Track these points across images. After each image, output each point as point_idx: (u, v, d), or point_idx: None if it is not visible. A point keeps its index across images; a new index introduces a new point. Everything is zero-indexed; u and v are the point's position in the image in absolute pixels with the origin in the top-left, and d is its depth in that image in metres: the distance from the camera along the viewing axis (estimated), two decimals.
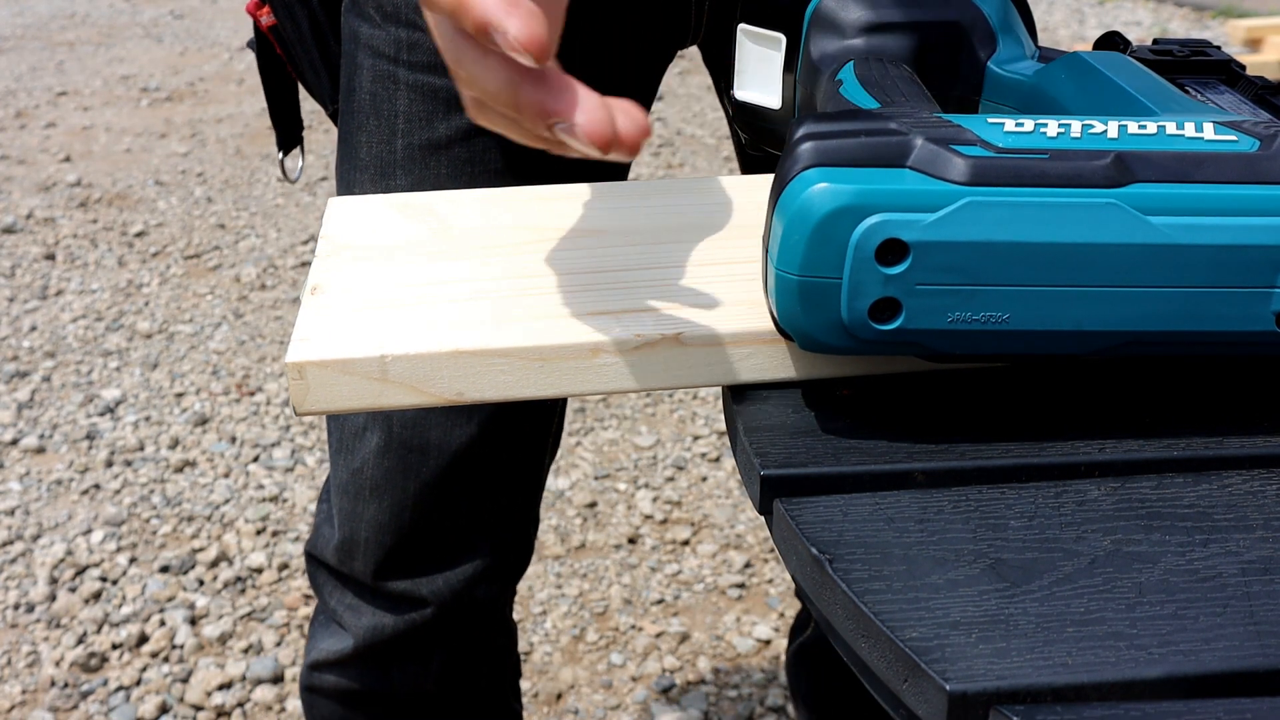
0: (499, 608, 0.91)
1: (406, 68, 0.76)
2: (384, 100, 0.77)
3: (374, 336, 0.46)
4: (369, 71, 0.78)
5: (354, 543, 0.84)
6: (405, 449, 0.80)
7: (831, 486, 0.41)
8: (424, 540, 0.84)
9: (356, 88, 0.79)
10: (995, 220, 0.39)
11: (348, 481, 0.83)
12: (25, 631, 1.61)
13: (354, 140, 0.79)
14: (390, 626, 0.86)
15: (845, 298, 0.40)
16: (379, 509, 0.82)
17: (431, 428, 0.80)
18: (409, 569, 0.84)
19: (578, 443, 2.02)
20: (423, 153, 0.77)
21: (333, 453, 0.84)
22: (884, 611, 0.35)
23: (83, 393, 2.17)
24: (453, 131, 0.76)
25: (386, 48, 0.77)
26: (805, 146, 0.40)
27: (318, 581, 0.89)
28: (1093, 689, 0.33)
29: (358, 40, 0.79)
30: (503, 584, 0.89)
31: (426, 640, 0.87)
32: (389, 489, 0.81)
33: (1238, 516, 0.39)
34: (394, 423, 0.80)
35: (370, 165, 0.79)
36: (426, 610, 0.85)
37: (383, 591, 0.85)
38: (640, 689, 1.53)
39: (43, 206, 2.99)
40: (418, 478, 0.81)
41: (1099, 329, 0.40)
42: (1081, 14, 4.65)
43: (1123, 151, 0.39)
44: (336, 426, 0.83)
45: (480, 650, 0.92)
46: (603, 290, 0.49)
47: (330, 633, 0.89)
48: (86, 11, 4.91)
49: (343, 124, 0.81)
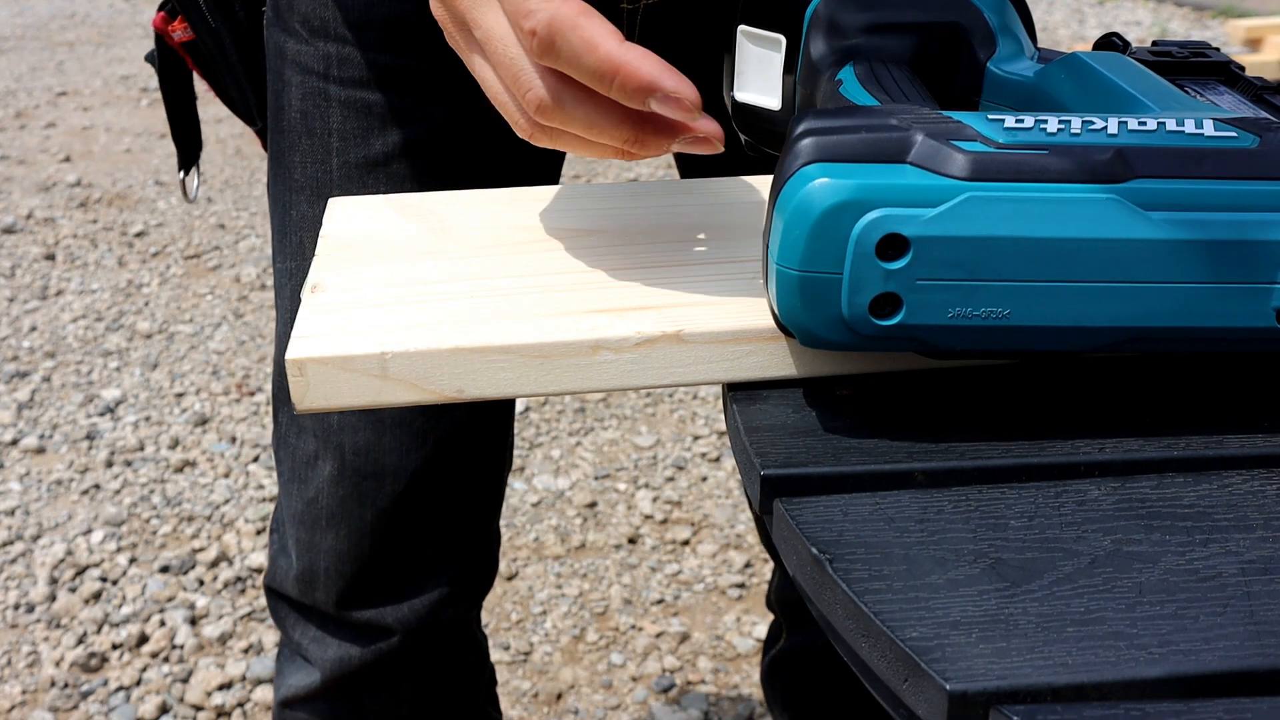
0: (465, 627, 0.89)
1: (337, 84, 0.74)
2: (316, 118, 0.75)
3: (374, 333, 0.46)
4: (298, 89, 0.75)
5: (314, 573, 0.82)
6: (359, 476, 0.78)
7: (832, 486, 0.41)
8: (386, 567, 0.82)
9: (285, 106, 0.76)
10: (996, 215, 0.39)
11: (303, 512, 0.81)
12: (25, 631, 1.61)
13: (286, 160, 0.77)
14: (357, 657, 0.84)
15: (846, 293, 0.40)
16: (337, 538, 0.80)
17: (386, 452, 0.78)
18: (372, 598, 0.82)
19: (578, 443, 2.02)
20: (360, 171, 0.75)
21: (284, 482, 0.82)
22: (884, 611, 0.35)
23: (83, 393, 2.17)
24: (389, 147, 0.74)
25: (315, 64, 0.74)
26: (806, 142, 0.40)
27: (279, 615, 0.87)
28: (1093, 689, 0.32)
29: (283, 56, 0.76)
30: (468, 604, 0.87)
31: (395, 668, 0.85)
32: (345, 517, 0.79)
33: (1238, 516, 0.39)
34: (346, 450, 0.78)
35: (306, 186, 0.76)
36: (393, 639, 0.83)
37: (347, 622, 0.83)
38: (640, 689, 1.53)
39: (43, 206, 2.99)
40: (374, 505, 0.79)
41: (1099, 325, 0.40)
42: (1081, 14, 4.65)
43: (1123, 147, 0.39)
44: (287, 455, 0.81)
45: (451, 671, 0.90)
46: (603, 288, 0.49)
47: (296, 667, 0.87)
48: (86, 11, 4.91)
49: (273, 143, 0.79)
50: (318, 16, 0.73)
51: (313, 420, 0.78)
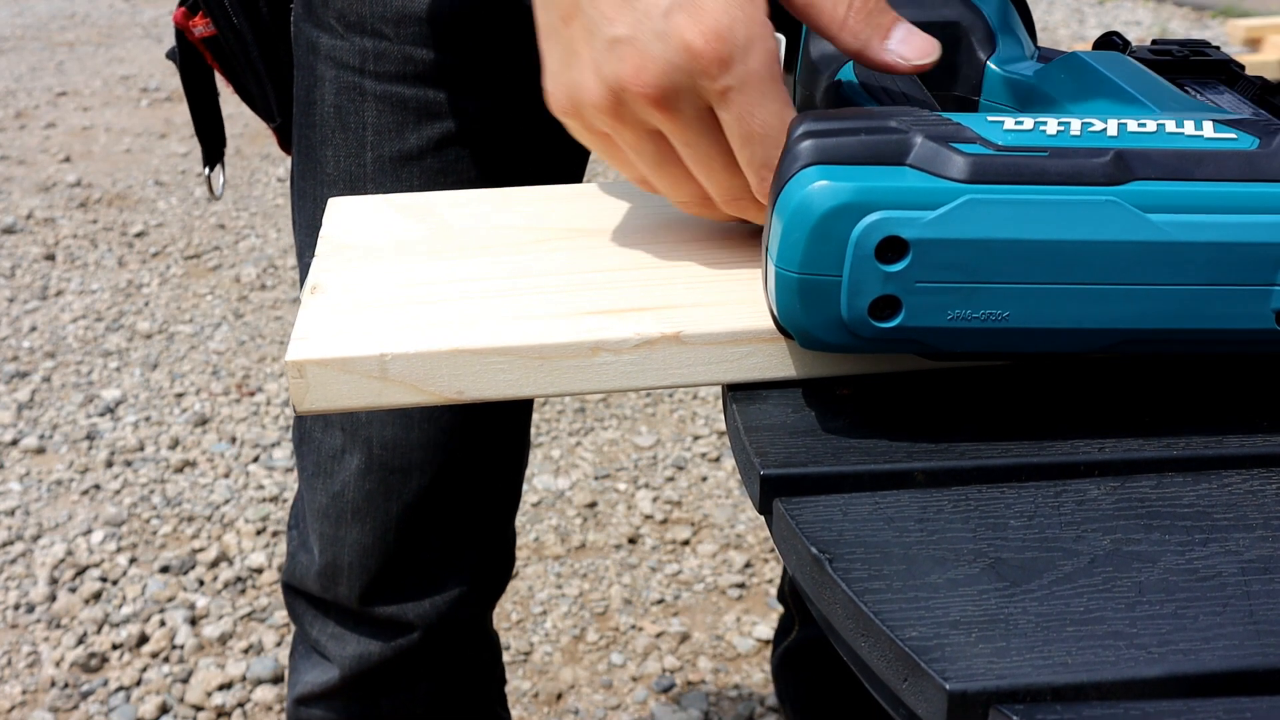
0: (482, 624, 0.90)
1: (373, 78, 0.74)
2: (350, 113, 0.75)
3: (374, 335, 0.46)
4: (332, 83, 0.75)
5: (337, 568, 0.82)
6: (387, 470, 0.78)
7: (831, 486, 0.41)
8: (409, 562, 0.82)
9: (318, 100, 0.76)
10: (995, 218, 0.39)
11: (327, 506, 0.81)
12: (25, 632, 1.61)
13: (318, 155, 0.77)
14: (377, 654, 0.84)
15: (845, 295, 0.40)
16: (362, 532, 0.80)
17: (414, 447, 0.78)
18: (395, 593, 0.83)
19: (578, 443, 2.02)
20: (394, 165, 0.75)
21: (308, 477, 0.82)
22: (884, 611, 0.35)
23: (83, 393, 2.17)
24: (424, 142, 0.74)
25: (350, 58, 0.74)
26: (804, 144, 0.40)
27: (297, 612, 0.87)
28: (1092, 688, 0.33)
29: (316, 51, 0.76)
30: (486, 602, 0.88)
31: (413, 666, 0.85)
32: (371, 512, 0.80)
33: (1237, 516, 0.39)
34: (374, 444, 0.78)
35: (339, 179, 0.76)
36: (413, 635, 0.83)
37: (368, 617, 0.83)
38: (640, 689, 1.53)
39: (43, 207, 2.99)
40: (400, 499, 0.79)
41: (1099, 326, 0.40)
42: (1081, 14, 4.65)
43: (1122, 149, 0.39)
44: (311, 450, 0.81)
45: (466, 669, 0.90)
46: (603, 289, 0.49)
47: (313, 664, 0.87)
48: (86, 11, 4.91)
49: (301, 137, 0.79)
50: (354, 11, 0.73)
51: (340, 415, 0.78)
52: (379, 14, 0.73)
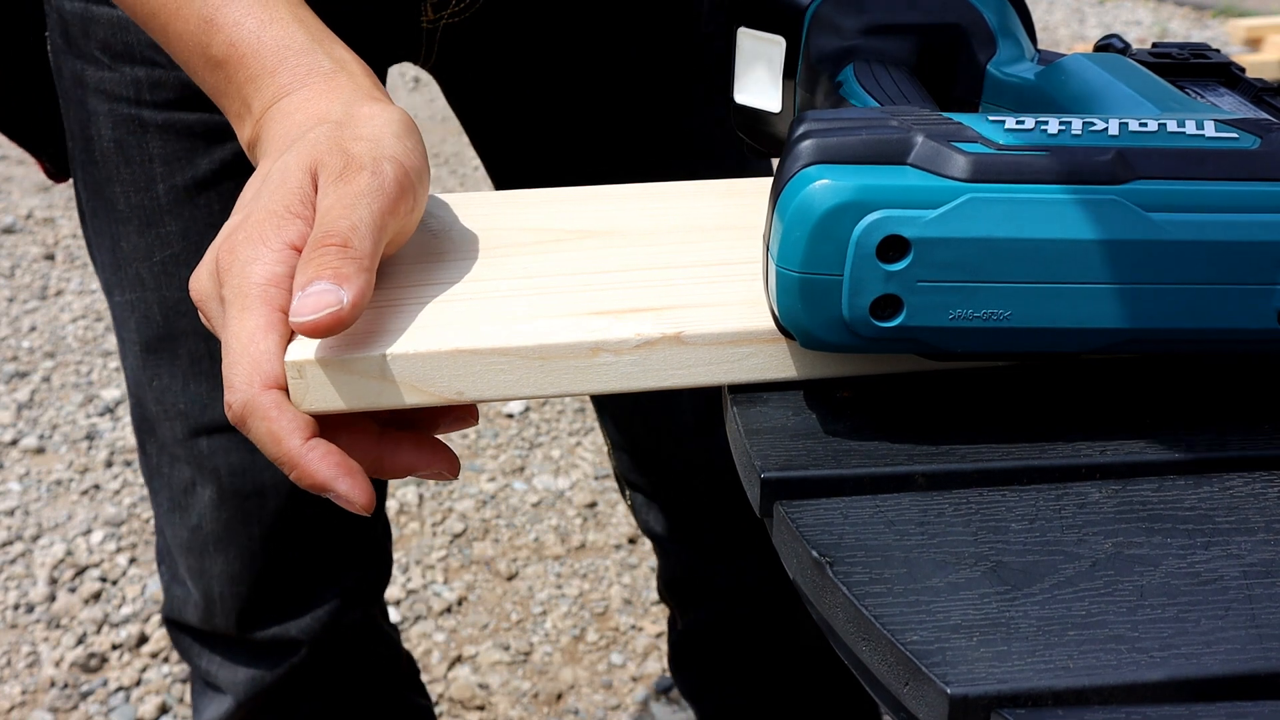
0: (371, 624, 0.89)
1: (152, 108, 0.70)
2: (133, 146, 0.71)
3: (374, 335, 0.46)
4: (107, 118, 0.71)
5: (210, 599, 0.81)
6: (240, 497, 0.77)
7: (832, 489, 0.41)
8: (281, 582, 0.81)
9: (95, 136, 0.72)
10: (996, 217, 0.39)
11: (189, 540, 0.79)
12: (25, 632, 1.61)
13: (106, 193, 0.73)
14: (270, 677, 0.83)
15: (846, 295, 0.40)
16: (227, 561, 0.79)
17: (263, 469, 0.76)
18: (273, 615, 0.82)
19: (578, 443, 2.02)
20: (189, 193, 0.72)
21: (164, 513, 0.81)
22: (885, 615, 0.35)
23: (82, 393, 2.17)
24: (217, 165, 0.71)
25: (124, 90, 0.70)
26: (806, 143, 0.40)
27: (183, 646, 0.86)
28: (1094, 692, 0.32)
29: (84, 84, 0.71)
30: (369, 602, 0.87)
31: (308, 679, 0.84)
32: (232, 539, 0.79)
33: (1239, 519, 0.39)
34: (222, 473, 0.77)
35: (133, 216, 0.73)
36: (301, 652, 0.82)
37: (251, 643, 0.82)
38: (640, 689, 1.53)
39: (43, 206, 2.99)
40: (259, 522, 0.78)
41: (1101, 326, 0.40)
42: (1081, 14, 4.65)
43: (1124, 148, 0.39)
44: (163, 485, 0.80)
45: (365, 671, 0.89)
46: (603, 290, 0.49)
47: (210, 699, 0.86)
48: None
49: (84, 176, 0.75)
50: (119, 41, 0.69)
51: (184, 448, 0.77)
52: (147, 41, 0.68)
